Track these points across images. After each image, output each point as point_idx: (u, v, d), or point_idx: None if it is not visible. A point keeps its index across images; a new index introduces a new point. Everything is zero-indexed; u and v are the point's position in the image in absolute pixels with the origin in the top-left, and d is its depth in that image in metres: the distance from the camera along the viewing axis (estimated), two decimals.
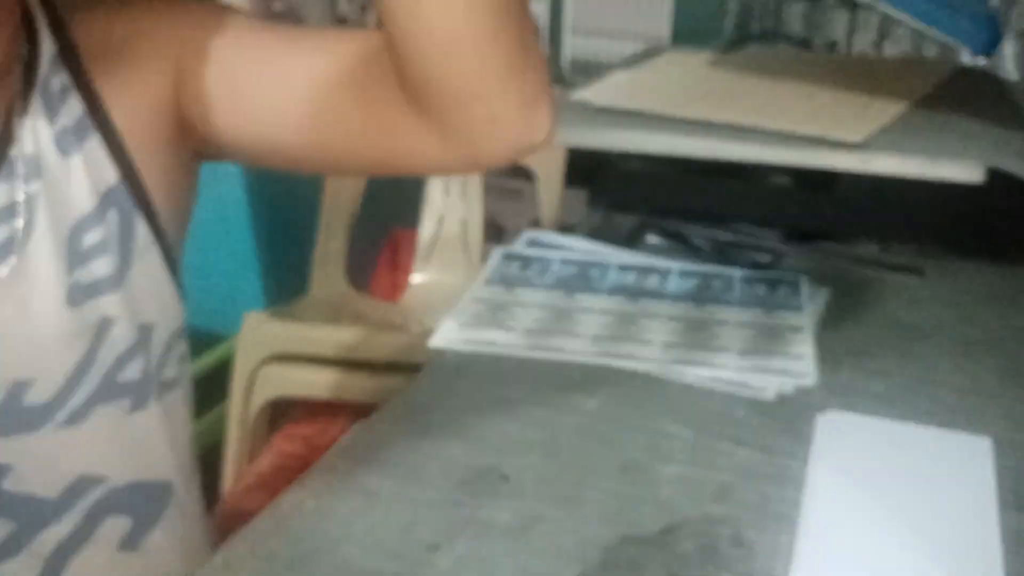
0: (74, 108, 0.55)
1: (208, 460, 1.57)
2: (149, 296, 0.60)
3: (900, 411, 0.68)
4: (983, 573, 0.53)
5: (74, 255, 0.55)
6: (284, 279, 1.80)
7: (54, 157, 0.54)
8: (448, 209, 1.58)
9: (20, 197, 0.53)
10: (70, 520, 0.58)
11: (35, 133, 0.54)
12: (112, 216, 0.57)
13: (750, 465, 0.63)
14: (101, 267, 0.56)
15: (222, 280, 1.78)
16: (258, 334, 1.39)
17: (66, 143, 0.55)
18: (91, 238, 0.56)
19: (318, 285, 1.59)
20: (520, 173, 1.67)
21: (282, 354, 1.39)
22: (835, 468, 0.62)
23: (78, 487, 0.58)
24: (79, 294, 0.55)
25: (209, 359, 1.71)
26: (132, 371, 0.59)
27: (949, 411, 0.68)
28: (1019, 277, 0.90)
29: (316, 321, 1.46)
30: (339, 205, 1.57)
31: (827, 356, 0.76)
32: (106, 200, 0.57)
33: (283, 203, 1.83)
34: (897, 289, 0.88)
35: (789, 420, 0.67)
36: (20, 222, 0.53)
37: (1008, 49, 1.80)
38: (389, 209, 1.83)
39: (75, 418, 0.57)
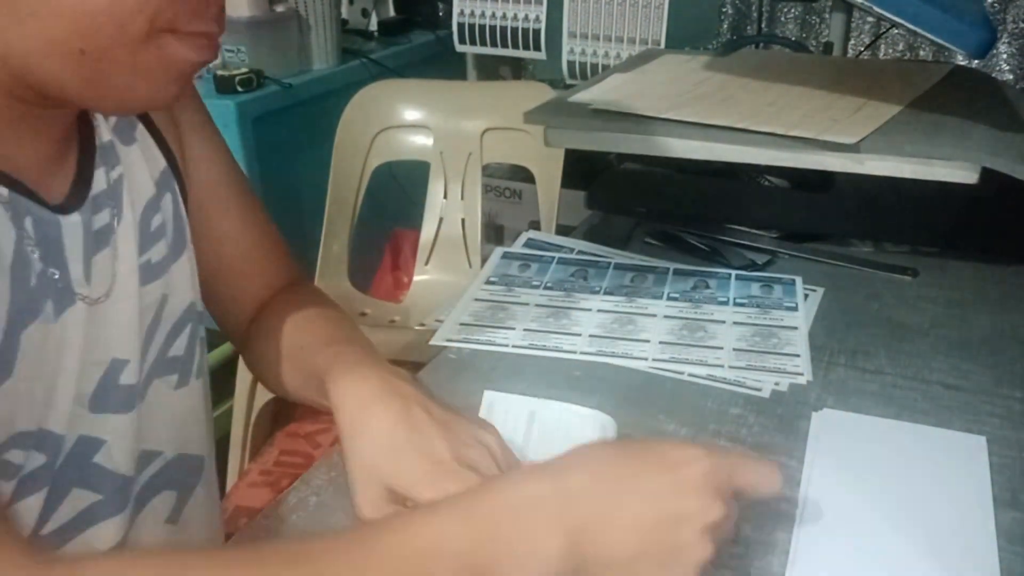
0: None
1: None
2: (190, 275, 0.64)
3: (894, 409, 0.69)
4: (978, 569, 0.53)
5: (144, 236, 0.59)
6: None
7: (121, 146, 0.58)
8: (448, 210, 1.59)
9: (113, 178, 0.56)
10: (133, 494, 0.60)
11: (104, 124, 0.57)
12: (167, 199, 0.61)
13: None
14: (162, 248, 0.61)
15: None
16: None
17: (124, 133, 0.59)
18: (156, 220, 0.60)
19: (321, 285, 1.60)
20: (519, 175, 1.68)
21: None
22: (831, 466, 0.62)
23: (141, 462, 0.61)
24: (148, 273, 0.59)
25: (214, 357, 1.71)
26: (178, 347, 0.62)
27: (943, 409, 0.69)
28: (1012, 277, 0.90)
29: None
30: (342, 207, 1.58)
31: (822, 355, 0.76)
32: (161, 184, 0.61)
33: (287, 205, 1.84)
34: (891, 289, 0.88)
35: (785, 418, 0.68)
36: (115, 205, 0.56)
37: (1003, 50, 1.80)
38: (390, 210, 1.84)
39: (141, 394, 0.59)
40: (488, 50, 1.91)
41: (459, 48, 1.94)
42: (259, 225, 0.74)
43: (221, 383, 1.60)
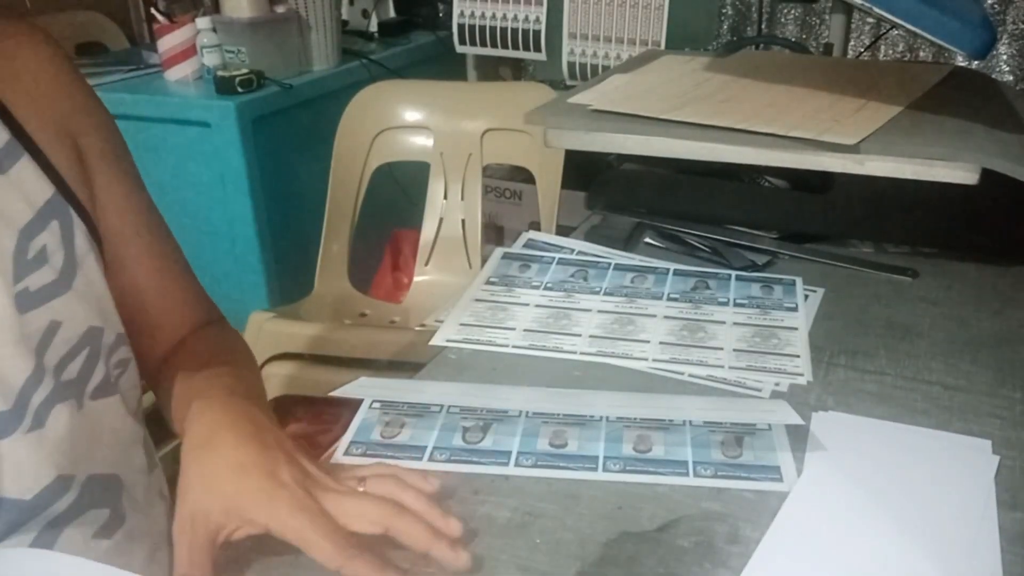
0: (1, 131, 0.59)
1: None
2: (93, 300, 0.63)
3: (894, 410, 0.69)
4: (981, 572, 0.53)
5: (20, 264, 0.58)
6: (289, 280, 1.81)
7: None
8: (448, 211, 1.59)
9: None
10: (44, 519, 0.59)
11: None
12: (54, 226, 0.60)
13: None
14: (47, 273, 0.59)
15: (228, 280, 1.79)
16: (263, 333, 1.40)
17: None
18: (36, 246, 0.59)
19: (322, 285, 1.60)
20: (519, 175, 1.68)
21: (286, 353, 1.40)
22: (831, 466, 0.62)
23: (56, 487, 0.60)
24: (27, 300, 0.58)
25: None
26: (71, 371, 0.61)
27: (943, 410, 0.69)
28: (1012, 278, 0.90)
29: (319, 321, 1.47)
30: (342, 208, 1.58)
31: (822, 355, 0.76)
32: (45, 211, 0.60)
33: (287, 206, 1.84)
34: (891, 290, 0.88)
35: None
36: None
37: (1003, 51, 1.80)
38: (390, 211, 1.84)
39: (39, 420, 0.58)
40: (488, 51, 1.91)
41: (459, 49, 1.94)
42: (169, 269, 0.74)
43: None
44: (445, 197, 1.59)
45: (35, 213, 0.59)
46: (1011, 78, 1.83)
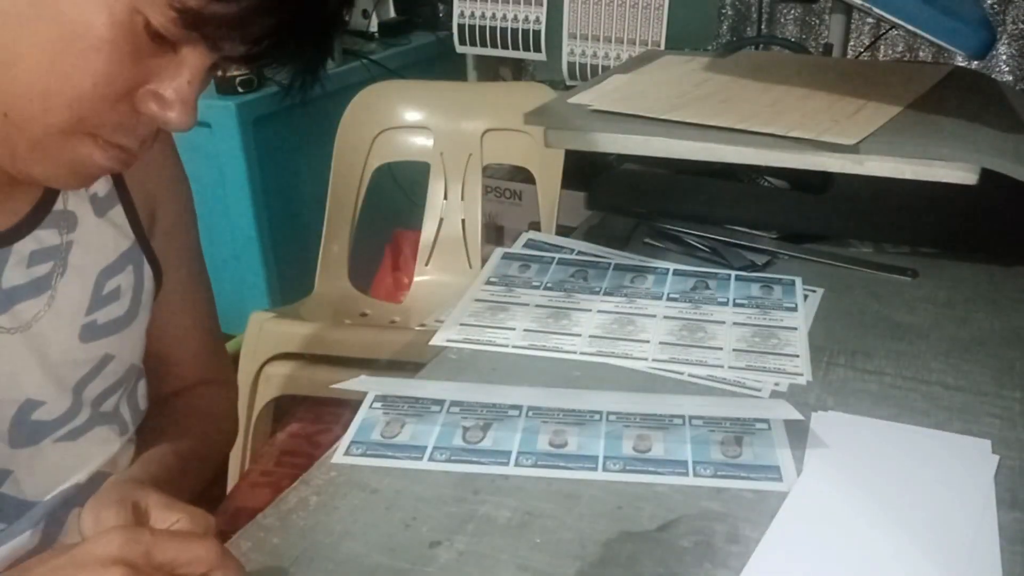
0: (105, 181, 0.64)
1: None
2: (140, 342, 0.68)
3: (893, 410, 0.69)
4: (981, 572, 0.53)
5: (96, 298, 0.63)
6: (289, 280, 1.81)
7: (89, 216, 0.63)
8: (449, 211, 1.59)
9: (59, 242, 0.61)
10: (38, 516, 0.62)
11: (74, 195, 0.62)
12: (129, 270, 0.66)
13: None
14: (115, 310, 0.65)
15: (229, 280, 1.80)
16: (263, 333, 1.40)
17: (98, 206, 0.64)
18: (111, 285, 0.64)
19: (322, 285, 1.60)
20: (519, 176, 1.68)
21: (286, 353, 1.40)
22: (831, 466, 0.62)
23: (71, 494, 0.63)
24: (91, 332, 0.63)
25: None
26: (110, 403, 0.66)
27: (942, 410, 0.69)
28: (1012, 277, 0.90)
29: (320, 321, 1.47)
30: (342, 208, 1.58)
31: (821, 355, 0.76)
32: (125, 257, 0.66)
33: (287, 206, 1.84)
34: (891, 290, 0.88)
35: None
36: (57, 264, 0.61)
37: (1002, 51, 1.80)
38: (391, 211, 1.84)
39: (74, 434, 0.62)
40: (488, 51, 1.92)
41: (459, 49, 1.94)
42: (196, 328, 0.77)
43: None
44: (445, 197, 1.59)
45: (117, 256, 0.65)
46: (1010, 78, 1.83)
